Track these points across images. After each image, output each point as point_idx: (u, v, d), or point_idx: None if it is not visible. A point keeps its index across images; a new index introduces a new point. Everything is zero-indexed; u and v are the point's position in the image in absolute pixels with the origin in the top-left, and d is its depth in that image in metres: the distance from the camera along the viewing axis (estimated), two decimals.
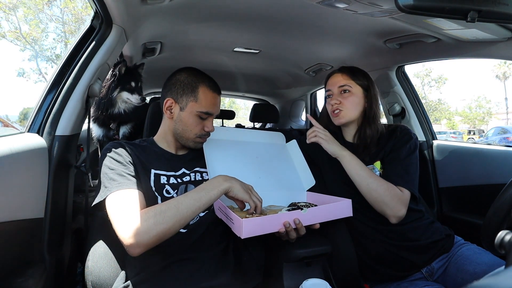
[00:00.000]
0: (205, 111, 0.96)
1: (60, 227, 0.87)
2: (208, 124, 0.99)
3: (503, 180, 0.93)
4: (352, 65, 1.20)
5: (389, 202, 0.98)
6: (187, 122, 0.97)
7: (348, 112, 1.12)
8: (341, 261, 1.04)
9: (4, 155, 0.65)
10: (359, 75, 1.15)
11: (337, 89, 1.14)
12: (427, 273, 1.04)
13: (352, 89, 1.12)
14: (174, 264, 0.82)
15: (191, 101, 0.96)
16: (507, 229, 0.63)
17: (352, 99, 1.12)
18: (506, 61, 18.21)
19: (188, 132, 0.97)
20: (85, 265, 0.83)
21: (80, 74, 0.93)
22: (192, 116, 0.96)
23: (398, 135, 1.11)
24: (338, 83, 1.14)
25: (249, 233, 0.77)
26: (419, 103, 1.70)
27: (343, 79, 1.14)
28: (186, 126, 0.97)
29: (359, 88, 1.13)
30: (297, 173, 1.16)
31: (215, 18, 1.25)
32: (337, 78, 1.15)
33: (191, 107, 0.96)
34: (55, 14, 16.68)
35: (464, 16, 0.61)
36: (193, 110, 0.96)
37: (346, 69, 1.16)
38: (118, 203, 0.77)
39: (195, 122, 0.97)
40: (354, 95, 1.12)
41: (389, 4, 0.93)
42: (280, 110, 3.09)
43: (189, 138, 0.98)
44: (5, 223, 0.64)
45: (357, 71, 1.16)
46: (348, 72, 1.15)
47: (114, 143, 0.93)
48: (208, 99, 0.97)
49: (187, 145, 1.00)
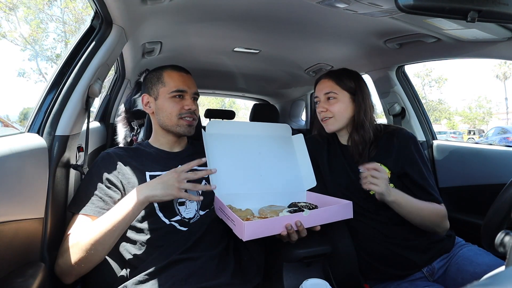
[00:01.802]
0: (175, 89, 0.99)
1: (60, 227, 0.87)
2: (186, 102, 1.00)
3: (503, 180, 0.93)
4: (344, 67, 1.19)
5: (441, 223, 1.01)
6: (164, 107, 0.99)
7: (336, 119, 1.11)
8: (341, 261, 1.04)
9: (4, 155, 0.65)
10: (346, 79, 1.12)
11: (323, 96, 1.13)
12: (428, 273, 1.04)
13: (337, 96, 1.10)
14: (174, 264, 0.82)
15: (160, 88, 1.00)
16: (507, 229, 0.63)
17: (338, 106, 1.10)
18: (506, 61, 18.20)
19: (170, 117, 0.99)
20: None
21: (80, 74, 0.92)
22: (166, 100, 1.00)
23: (401, 141, 1.08)
24: (323, 90, 1.13)
25: (251, 236, 0.77)
26: (419, 103, 1.70)
27: (328, 85, 1.12)
28: (165, 112, 0.99)
29: (345, 94, 1.11)
30: (299, 172, 1.15)
31: (215, 18, 1.25)
32: (323, 84, 1.14)
33: (162, 92, 1.00)
34: (55, 14, 16.68)
35: (464, 16, 0.60)
36: (165, 95, 1.00)
37: (333, 74, 1.15)
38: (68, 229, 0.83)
39: (171, 104, 0.99)
40: (340, 102, 1.10)
41: (389, 4, 0.92)
42: (280, 110, 3.09)
43: (173, 122, 1.00)
44: (5, 223, 0.64)
45: (343, 75, 1.13)
46: (334, 77, 1.13)
47: (103, 156, 0.94)
48: (175, 78, 1.00)
49: (176, 131, 1.01)
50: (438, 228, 1.02)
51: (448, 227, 1.03)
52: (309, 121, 2.89)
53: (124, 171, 0.91)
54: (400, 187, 1.06)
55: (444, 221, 1.02)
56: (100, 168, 0.90)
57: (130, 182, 0.89)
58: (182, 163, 1.00)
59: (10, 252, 0.67)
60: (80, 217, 0.84)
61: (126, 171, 0.91)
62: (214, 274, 0.84)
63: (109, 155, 0.93)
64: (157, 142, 1.04)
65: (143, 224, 0.87)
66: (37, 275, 0.68)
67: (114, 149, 0.98)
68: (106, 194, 0.86)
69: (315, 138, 1.26)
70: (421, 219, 0.99)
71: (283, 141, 1.18)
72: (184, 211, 0.92)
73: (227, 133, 1.09)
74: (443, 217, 1.01)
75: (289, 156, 1.16)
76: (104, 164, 0.91)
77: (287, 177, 1.12)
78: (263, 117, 2.65)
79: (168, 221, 0.89)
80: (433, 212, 0.99)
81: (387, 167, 1.07)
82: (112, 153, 0.94)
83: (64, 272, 0.78)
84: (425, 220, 0.99)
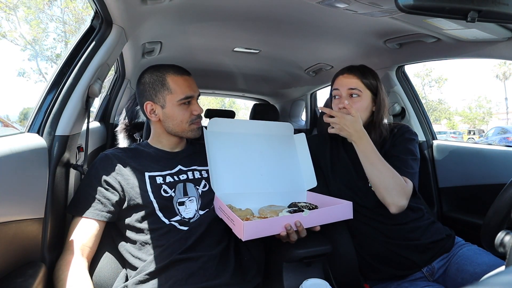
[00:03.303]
0: (184, 96, 0.97)
1: (60, 227, 0.87)
2: (194, 107, 0.99)
3: (503, 180, 0.93)
4: (347, 65, 1.15)
5: (392, 189, 0.96)
6: (174, 115, 0.98)
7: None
8: (341, 261, 1.04)
9: (4, 155, 0.65)
10: (369, 76, 1.10)
11: (346, 91, 1.08)
12: (428, 273, 1.04)
13: (361, 94, 1.08)
14: (175, 264, 0.82)
15: (167, 95, 0.97)
16: (507, 229, 0.63)
17: (360, 104, 1.07)
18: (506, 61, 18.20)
19: (180, 124, 0.98)
20: None
21: (80, 74, 0.92)
22: (175, 107, 0.97)
23: (396, 132, 1.11)
24: (347, 85, 1.08)
25: (250, 236, 0.77)
26: (419, 103, 1.70)
27: (354, 81, 1.08)
28: (175, 120, 0.98)
29: (368, 93, 1.09)
30: (300, 172, 1.15)
31: (215, 18, 1.25)
32: (348, 79, 1.09)
33: (170, 100, 0.97)
34: (55, 14, 16.68)
35: (464, 16, 0.60)
36: (173, 102, 0.97)
37: (356, 69, 1.11)
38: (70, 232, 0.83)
39: (181, 111, 0.98)
40: (363, 100, 1.08)
41: (389, 4, 0.92)
42: (280, 110, 3.09)
43: (184, 129, 0.99)
44: (5, 223, 0.64)
45: (367, 72, 1.10)
46: (359, 74, 1.09)
47: (101, 158, 0.93)
48: (180, 84, 0.97)
49: (187, 136, 1.01)
50: (388, 193, 0.96)
51: (403, 205, 0.97)
52: (309, 121, 2.89)
53: (123, 172, 0.91)
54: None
55: (398, 192, 0.96)
56: (98, 170, 0.90)
57: (130, 183, 0.89)
58: (182, 163, 1.00)
59: (10, 252, 0.67)
60: (81, 220, 0.84)
61: (125, 172, 0.91)
62: (215, 274, 0.83)
63: (107, 157, 0.93)
64: (158, 143, 1.03)
65: (143, 224, 0.87)
66: (37, 275, 0.68)
67: (113, 150, 0.97)
68: (104, 196, 0.86)
69: (317, 137, 1.26)
70: (381, 177, 0.97)
71: (285, 140, 1.17)
72: (183, 211, 0.92)
73: (229, 132, 1.09)
74: (398, 186, 0.96)
75: (291, 156, 1.16)
76: (102, 166, 0.91)
77: (288, 176, 1.12)
78: (263, 117, 2.65)
79: (168, 221, 0.89)
80: (389, 171, 0.97)
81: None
82: (110, 155, 0.94)
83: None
84: (383, 181, 0.96)
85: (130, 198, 0.88)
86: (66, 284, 0.72)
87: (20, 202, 0.70)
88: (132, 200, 0.87)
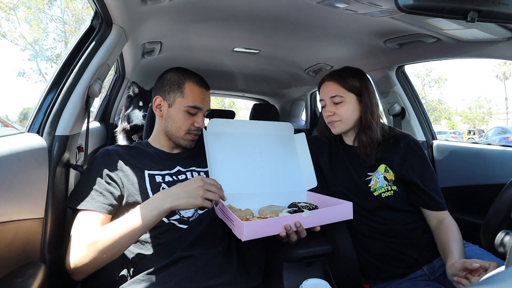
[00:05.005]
0: (193, 105, 0.97)
1: (60, 227, 0.87)
2: (198, 119, 0.99)
3: (503, 180, 0.93)
4: (345, 65, 1.16)
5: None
6: (176, 118, 0.98)
7: (343, 122, 1.10)
8: (341, 261, 1.04)
9: (4, 155, 0.65)
10: (350, 79, 1.10)
11: (329, 99, 1.11)
12: (428, 271, 1.04)
13: (344, 98, 1.09)
14: (178, 261, 0.82)
15: (178, 97, 0.97)
16: (507, 229, 0.63)
17: (345, 109, 1.09)
18: (506, 61, 18.20)
19: (178, 129, 0.98)
20: None
21: (80, 74, 0.92)
22: (180, 112, 0.97)
23: (407, 147, 1.08)
24: (328, 93, 1.10)
25: (250, 236, 0.77)
26: (419, 103, 1.70)
27: (333, 88, 1.10)
28: (175, 123, 0.98)
29: (351, 95, 1.09)
30: (300, 172, 1.15)
31: (215, 18, 1.25)
32: (328, 86, 1.11)
33: (179, 103, 0.97)
34: (55, 14, 16.68)
35: (464, 16, 0.60)
36: (180, 106, 0.97)
37: (336, 75, 1.11)
38: (74, 226, 0.81)
39: (184, 118, 0.98)
40: (347, 104, 1.09)
41: (389, 4, 0.92)
42: (280, 110, 3.09)
43: (179, 135, 0.99)
44: (5, 223, 0.64)
45: (347, 75, 1.11)
46: (338, 79, 1.10)
47: (103, 153, 0.93)
48: (195, 93, 0.98)
49: (179, 143, 1.01)
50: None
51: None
52: (309, 121, 2.89)
53: (124, 169, 0.91)
54: (402, 190, 1.06)
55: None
56: (100, 164, 0.89)
57: (130, 179, 0.89)
58: (181, 164, 1.00)
59: (10, 252, 0.67)
60: (84, 213, 0.82)
61: (126, 169, 0.91)
62: (218, 272, 0.83)
63: (108, 152, 0.93)
64: (157, 143, 1.04)
65: None
66: (37, 275, 0.68)
67: (114, 147, 0.98)
68: (106, 189, 0.86)
69: (317, 139, 1.26)
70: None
71: (285, 140, 1.17)
72: (183, 211, 0.92)
73: (229, 132, 1.09)
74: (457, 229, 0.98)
75: (291, 156, 1.16)
76: (104, 161, 0.90)
77: (288, 177, 1.12)
78: (263, 117, 2.65)
79: (167, 220, 0.89)
80: (460, 239, 0.95)
81: (392, 169, 1.07)
82: (111, 150, 0.94)
83: (78, 270, 0.75)
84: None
85: (129, 194, 0.88)
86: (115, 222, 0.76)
87: (20, 202, 0.70)
88: (131, 197, 0.87)
